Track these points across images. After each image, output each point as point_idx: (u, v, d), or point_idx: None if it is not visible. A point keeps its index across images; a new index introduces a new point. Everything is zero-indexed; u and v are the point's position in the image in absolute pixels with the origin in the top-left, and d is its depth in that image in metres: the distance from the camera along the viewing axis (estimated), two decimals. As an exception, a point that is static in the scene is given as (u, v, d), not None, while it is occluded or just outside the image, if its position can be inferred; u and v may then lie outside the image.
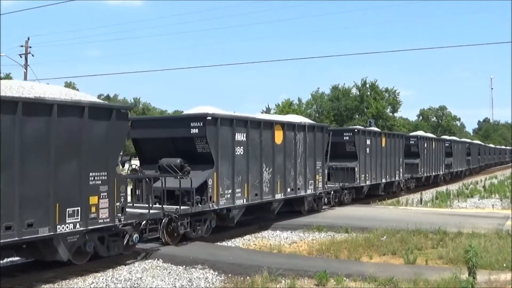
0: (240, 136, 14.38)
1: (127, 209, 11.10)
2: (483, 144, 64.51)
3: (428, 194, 28.19)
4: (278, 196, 16.12)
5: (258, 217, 16.61)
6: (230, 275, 10.30)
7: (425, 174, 32.39)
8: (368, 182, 23.44)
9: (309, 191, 18.05)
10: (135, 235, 11.27)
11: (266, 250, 13.04)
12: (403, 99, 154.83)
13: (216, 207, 13.48)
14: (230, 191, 13.92)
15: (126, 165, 13.44)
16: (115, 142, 10.71)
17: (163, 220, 12.26)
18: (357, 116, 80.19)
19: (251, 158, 14.83)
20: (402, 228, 14.56)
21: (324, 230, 15.51)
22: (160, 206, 12.36)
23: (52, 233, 9.44)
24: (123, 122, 10.98)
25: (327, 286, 9.40)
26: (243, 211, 14.82)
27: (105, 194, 10.41)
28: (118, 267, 10.97)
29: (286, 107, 76.21)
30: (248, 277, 9.86)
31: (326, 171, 19.55)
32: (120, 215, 10.71)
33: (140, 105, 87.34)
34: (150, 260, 11.49)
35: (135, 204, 12.62)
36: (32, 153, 9.23)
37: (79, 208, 9.94)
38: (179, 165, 13.34)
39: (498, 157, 76.55)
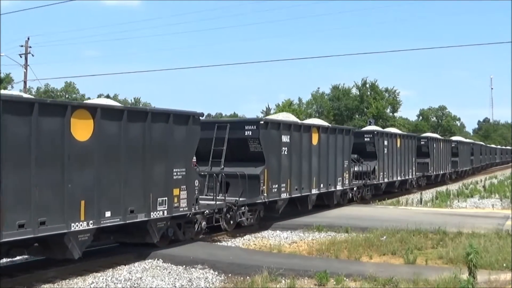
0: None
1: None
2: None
3: (428, 194, 28.19)
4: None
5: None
6: (230, 275, 10.30)
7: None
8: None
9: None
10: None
11: (266, 250, 13.04)
12: (403, 99, 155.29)
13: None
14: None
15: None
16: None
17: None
18: (357, 116, 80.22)
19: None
20: (402, 228, 14.57)
21: (324, 230, 15.52)
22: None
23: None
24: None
25: (327, 286, 9.40)
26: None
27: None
28: (118, 267, 10.98)
29: (286, 107, 76.23)
30: (248, 277, 9.86)
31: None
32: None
33: (140, 105, 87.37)
34: (150, 260, 11.50)
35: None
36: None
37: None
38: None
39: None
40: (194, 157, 15.89)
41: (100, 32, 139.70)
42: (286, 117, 20.65)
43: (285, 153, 16.43)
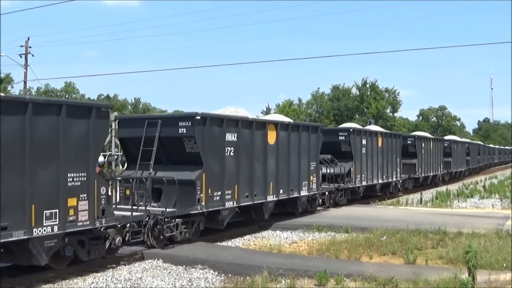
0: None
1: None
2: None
3: (428, 194, 28.19)
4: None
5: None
6: (230, 275, 10.30)
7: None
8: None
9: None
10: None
11: (266, 250, 13.04)
12: (403, 99, 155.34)
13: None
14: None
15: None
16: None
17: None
18: (357, 116, 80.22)
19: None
20: (402, 228, 14.57)
21: (324, 230, 15.52)
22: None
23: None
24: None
25: (327, 286, 9.40)
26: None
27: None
28: (118, 267, 10.99)
29: (286, 107, 76.26)
30: (248, 277, 9.86)
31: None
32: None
33: (140, 105, 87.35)
34: (150, 260, 11.49)
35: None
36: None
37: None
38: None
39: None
40: (125, 160, 14.70)
41: (100, 32, 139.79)
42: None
43: (231, 154, 14.07)
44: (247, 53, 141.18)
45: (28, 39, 38.09)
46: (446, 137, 45.51)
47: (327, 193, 20.30)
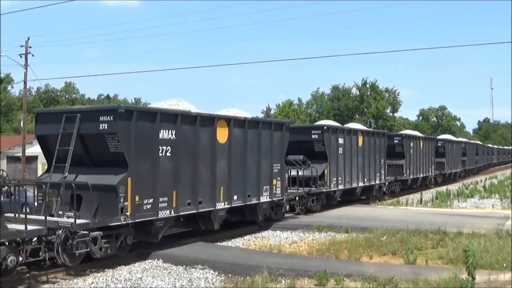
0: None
1: None
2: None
3: (428, 194, 28.19)
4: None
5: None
6: (230, 275, 10.31)
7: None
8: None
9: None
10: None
11: (266, 250, 13.04)
12: (403, 99, 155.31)
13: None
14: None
15: None
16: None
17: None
18: (357, 116, 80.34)
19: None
20: (402, 228, 14.57)
21: (324, 230, 15.52)
22: None
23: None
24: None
25: (327, 286, 9.41)
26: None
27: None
28: (118, 267, 10.98)
29: (286, 107, 76.35)
30: (248, 277, 9.87)
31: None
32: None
33: (141, 106, 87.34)
34: (150, 260, 11.50)
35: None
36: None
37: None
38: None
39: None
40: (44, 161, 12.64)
41: (100, 32, 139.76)
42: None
43: (167, 154, 12.05)
44: (247, 53, 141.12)
45: (28, 39, 37.94)
46: (440, 136, 43.14)
47: (297, 198, 18.13)
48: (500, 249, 11.75)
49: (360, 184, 22.45)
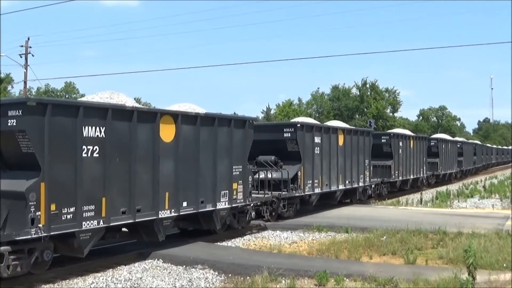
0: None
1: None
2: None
3: (428, 194, 28.19)
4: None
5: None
6: (230, 275, 10.30)
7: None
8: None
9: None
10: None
11: (266, 250, 13.04)
12: (403, 99, 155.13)
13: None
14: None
15: None
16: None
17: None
18: (357, 116, 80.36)
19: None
20: (402, 228, 14.57)
21: (324, 230, 15.53)
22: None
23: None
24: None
25: (327, 286, 9.41)
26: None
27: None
28: (118, 267, 10.99)
29: (286, 107, 76.35)
30: (248, 277, 9.87)
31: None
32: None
33: (141, 105, 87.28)
34: (150, 260, 11.50)
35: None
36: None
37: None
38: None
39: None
40: None
41: (99, 32, 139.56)
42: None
43: (94, 155, 10.35)
44: (247, 53, 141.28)
45: (28, 39, 38.12)
46: (433, 136, 41.06)
47: (263, 204, 16.47)
48: (500, 249, 11.75)
49: (341, 187, 20.69)
